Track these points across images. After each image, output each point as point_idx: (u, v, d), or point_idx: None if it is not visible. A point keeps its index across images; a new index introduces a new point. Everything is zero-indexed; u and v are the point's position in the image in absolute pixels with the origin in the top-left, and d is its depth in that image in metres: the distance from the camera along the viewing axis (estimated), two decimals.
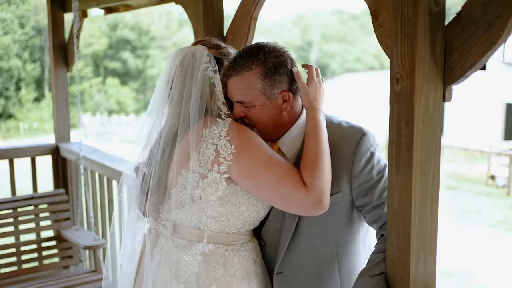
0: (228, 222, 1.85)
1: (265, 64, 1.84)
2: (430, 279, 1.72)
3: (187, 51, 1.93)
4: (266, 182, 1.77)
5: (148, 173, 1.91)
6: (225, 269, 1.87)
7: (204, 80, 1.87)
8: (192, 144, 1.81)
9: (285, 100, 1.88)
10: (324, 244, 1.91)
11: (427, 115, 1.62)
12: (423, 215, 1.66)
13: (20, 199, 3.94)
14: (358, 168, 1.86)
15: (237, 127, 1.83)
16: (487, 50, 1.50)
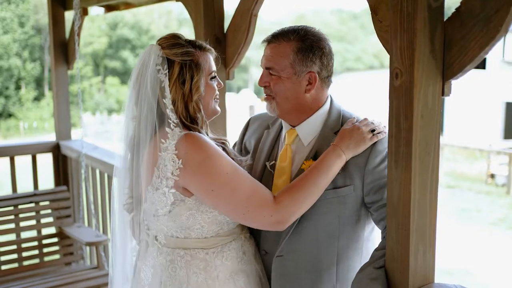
0: (203, 229, 1.85)
1: (303, 40, 1.91)
2: (429, 272, 1.73)
3: (146, 50, 1.87)
4: (228, 201, 1.78)
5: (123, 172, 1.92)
6: (206, 273, 1.87)
7: (156, 84, 1.81)
8: (149, 166, 1.80)
9: (310, 82, 1.93)
10: (327, 235, 1.92)
11: (426, 109, 1.63)
12: (422, 209, 1.68)
13: (21, 196, 3.96)
14: (372, 164, 1.88)
15: (187, 140, 1.77)
16: (485, 45, 1.52)
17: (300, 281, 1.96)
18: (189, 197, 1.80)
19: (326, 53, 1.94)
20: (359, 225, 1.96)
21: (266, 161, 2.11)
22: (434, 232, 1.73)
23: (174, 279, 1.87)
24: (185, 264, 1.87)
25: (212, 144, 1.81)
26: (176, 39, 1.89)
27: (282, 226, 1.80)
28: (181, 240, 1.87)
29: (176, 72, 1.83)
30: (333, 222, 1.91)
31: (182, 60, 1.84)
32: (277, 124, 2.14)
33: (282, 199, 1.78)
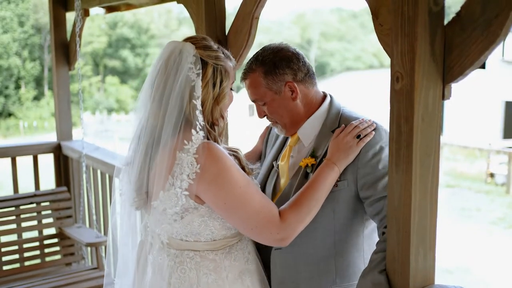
0: (213, 234, 1.87)
1: (263, 64, 2.01)
2: (429, 274, 1.75)
3: (175, 46, 1.85)
4: (238, 216, 1.80)
5: (131, 172, 1.89)
6: (216, 274, 1.88)
7: (186, 82, 1.80)
8: (163, 167, 1.79)
9: (292, 90, 2.01)
10: (323, 229, 1.96)
11: (426, 112, 1.64)
12: (423, 211, 1.69)
13: (22, 197, 3.98)
14: (365, 158, 1.92)
15: (209, 148, 1.77)
16: (485, 49, 1.52)
17: (299, 273, 2.00)
18: (202, 204, 1.81)
19: (290, 58, 2.02)
20: (356, 221, 1.99)
21: (273, 160, 2.20)
22: (435, 234, 1.74)
23: (184, 281, 1.87)
24: (195, 265, 1.88)
25: (228, 156, 1.82)
26: (209, 42, 1.90)
27: (286, 243, 1.84)
28: (190, 243, 1.88)
29: (209, 74, 1.83)
30: (329, 217, 1.95)
31: (215, 64, 1.84)
32: None
33: (287, 217, 1.81)
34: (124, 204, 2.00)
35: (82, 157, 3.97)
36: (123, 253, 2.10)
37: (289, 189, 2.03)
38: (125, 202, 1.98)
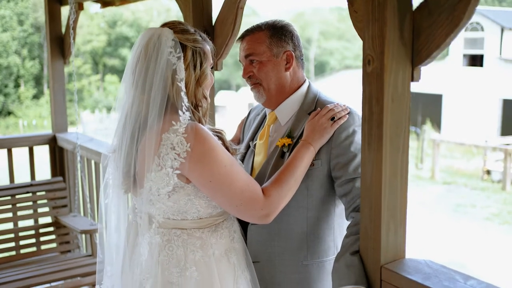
0: (199, 212, 1.94)
1: (273, 27, 2.15)
2: (400, 249, 1.83)
3: (154, 32, 1.89)
4: (223, 194, 1.87)
5: (118, 158, 1.94)
6: (203, 251, 1.94)
7: (167, 66, 1.85)
8: (150, 150, 1.84)
9: (288, 61, 2.14)
10: (296, 205, 2.06)
11: (396, 94, 1.73)
12: (393, 188, 1.78)
13: (18, 187, 4.08)
14: (338, 140, 2.03)
15: (196, 129, 1.83)
16: (450, 32, 1.61)
17: (273, 248, 2.10)
18: (188, 183, 1.87)
19: (295, 35, 2.17)
20: (328, 199, 2.10)
21: (250, 141, 2.30)
22: (405, 211, 1.83)
23: (171, 258, 1.93)
24: (182, 243, 1.94)
25: (214, 137, 1.89)
26: (186, 26, 1.95)
27: (269, 219, 1.92)
28: (177, 221, 1.94)
29: (189, 57, 1.89)
30: (302, 193, 2.05)
31: (194, 46, 1.90)
32: (265, 110, 2.31)
33: (270, 194, 1.90)
34: (113, 190, 2.05)
35: (76, 147, 4.06)
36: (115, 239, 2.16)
37: (266, 168, 2.13)
38: (114, 187, 2.04)
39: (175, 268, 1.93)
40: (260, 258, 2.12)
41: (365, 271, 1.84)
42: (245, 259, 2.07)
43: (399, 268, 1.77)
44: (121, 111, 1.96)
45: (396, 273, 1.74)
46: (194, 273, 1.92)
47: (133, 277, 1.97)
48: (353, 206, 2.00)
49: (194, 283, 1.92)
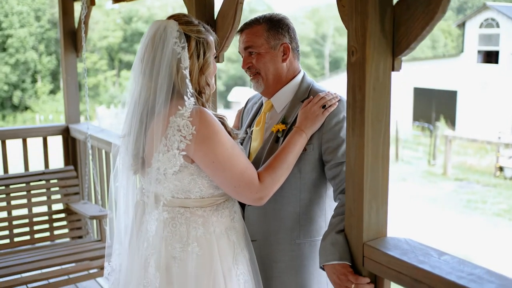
0: (201, 191, 2.07)
1: (270, 21, 2.28)
2: (382, 227, 1.96)
3: (160, 24, 2.03)
4: (224, 174, 2.01)
5: (128, 141, 2.09)
6: (204, 228, 2.08)
7: (172, 55, 1.98)
8: (158, 132, 1.99)
9: (285, 53, 2.27)
10: (290, 187, 2.20)
11: (377, 82, 1.85)
12: (375, 170, 1.90)
13: (33, 174, 4.26)
14: (329, 125, 2.17)
15: (201, 113, 1.97)
16: (426, 25, 1.73)
17: (268, 227, 2.24)
18: (191, 163, 2.02)
19: (291, 28, 2.30)
20: (319, 182, 2.23)
21: (247, 127, 2.44)
22: (386, 192, 1.95)
23: (175, 234, 2.07)
24: (185, 220, 2.08)
25: (217, 121, 2.03)
26: (190, 18, 2.09)
27: (263, 202, 2.07)
28: (181, 200, 2.08)
29: (193, 46, 2.03)
30: (295, 176, 2.18)
31: (197, 37, 2.04)
32: (262, 99, 2.46)
33: (264, 179, 2.05)
34: (123, 172, 2.21)
35: (87, 137, 4.23)
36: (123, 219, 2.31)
37: (261, 153, 2.27)
38: (124, 169, 2.19)
39: (178, 243, 2.06)
40: (257, 237, 2.26)
41: (349, 248, 1.97)
42: (245, 238, 2.20)
43: (379, 245, 1.89)
44: (130, 97, 2.11)
45: (377, 249, 1.87)
46: (195, 248, 2.06)
47: (139, 253, 2.11)
48: (340, 188, 2.13)
49: (195, 258, 2.05)
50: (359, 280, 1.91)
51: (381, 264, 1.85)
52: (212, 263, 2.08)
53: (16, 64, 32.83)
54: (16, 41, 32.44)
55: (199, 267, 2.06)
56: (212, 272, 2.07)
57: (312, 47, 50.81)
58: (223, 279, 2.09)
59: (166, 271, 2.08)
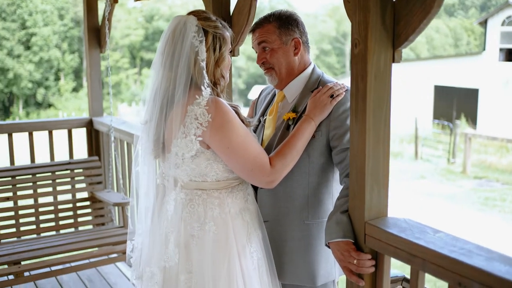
0: (217, 175, 2.24)
1: (280, 19, 2.42)
2: (383, 208, 2.10)
3: (180, 19, 2.19)
4: (237, 159, 2.18)
5: (149, 128, 2.26)
6: (220, 208, 2.26)
7: (191, 48, 2.14)
8: (177, 120, 2.16)
9: (296, 47, 2.42)
10: (299, 171, 2.35)
11: (378, 72, 1.99)
12: (376, 155, 2.04)
13: (58, 164, 4.48)
14: (336, 113, 2.32)
15: (217, 102, 2.13)
16: (423, 19, 1.87)
17: (280, 209, 2.40)
18: (207, 149, 2.19)
19: (300, 22, 2.45)
20: (327, 167, 2.38)
21: (261, 116, 2.60)
22: (387, 175, 2.09)
23: (193, 214, 2.25)
24: (202, 201, 2.25)
25: (231, 109, 2.20)
26: (208, 14, 2.24)
27: (273, 185, 2.24)
28: (198, 183, 2.26)
29: (209, 41, 2.20)
30: (304, 161, 2.34)
31: (214, 32, 2.21)
32: (274, 90, 2.62)
33: (274, 163, 2.21)
34: (143, 156, 2.37)
35: (110, 129, 4.43)
36: (144, 201, 2.49)
37: (273, 139, 2.42)
38: (145, 154, 2.36)
39: (196, 223, 2.24)
40: (269, 218, 2.42)
41: (352, 227, 2.12)
42: (258, 219, 2.37)
43: (380, 223, 2.03)
44: (151, 87, 2.27)
45: (377, 227, 2.01)
46: (212, 227, 2.23)
47: (160, 230, 2.29)
48: (346, 172, 2.27)
49: (212, 236, 2.23)
50: (361, 256, 2.05)
51: (381, 241, 1.99)
52: (227, 241, 2.24)
53: (40, 62, 33.38)
54: (40, 40, 32.98)
55: (216, 245, 2.23)
56: (228, 249, 2.24)
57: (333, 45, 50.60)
58: (238, 255, 2.26)
59: (185, 249, 2.25)
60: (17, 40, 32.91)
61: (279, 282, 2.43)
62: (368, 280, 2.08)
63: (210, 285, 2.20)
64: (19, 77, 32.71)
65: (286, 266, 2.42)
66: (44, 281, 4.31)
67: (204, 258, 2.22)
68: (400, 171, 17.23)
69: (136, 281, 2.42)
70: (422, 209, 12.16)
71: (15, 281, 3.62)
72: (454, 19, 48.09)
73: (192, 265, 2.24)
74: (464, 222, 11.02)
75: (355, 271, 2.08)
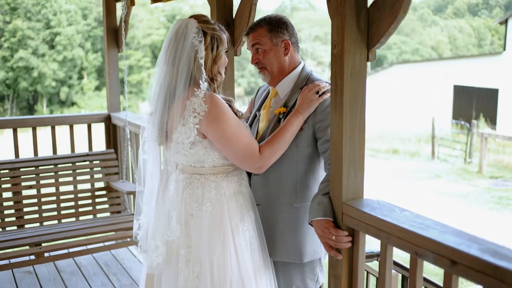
0: (214, 161, 2.54)
1: (270, 23, 2.68)
2: (359, 190, 2.36)
3: (182, 21, 2.48)
4: (230, 147, 2.47)
5: (154, 118, 2.54)
6: (216, 191, 2.55)
7: (191, 47, 2.42)
8: (177, 112, 2.45)
9: (286, 48, 2.68)
10: (288, 159, 2.62)
11: (354, 70, 2.26)
12: (353, 143, 2.30)
13: (78, 156, 4.83)
14: (321, 108, 2.59)
15: (212, 96, 2.41)
16: (391, 23, 2.13)
17: (271, 193, 2.67)
18: (204, 139, 2.48)
19: (289, 25, 2.72)
20: (313, 155, 2.64)
21: (257, 111, 2.89)
22: (363, 161, 2.34)
23: (192, 196, 2.54)
24: (200, 184, 2.54)
25: (226, 104, 2.49)
26: (207, 18, 2.52)
27: (262, 170, 2.54)
28: (197, 168, 2.55)
29: (208, 41, 2.50)
30: (293, 150, 2.61)
31: (213, 34, 2.51)
32: (269, 87, 2.89)
33: (263, 151, 2.51)
34: (149, 144, 2.67)
35: (126, 123, 4.76)
36: (149, 185, 2.79)
37: (266, 131, 2.71)
38: (150, 141, 2.66)
39: (195, 203, 2.53)
40: (261, 202, 2.70)
41: (332, 207, 2.39)
42: (251, 201, 2.66)
43: (355, 204, 2.30)
44: (156, 82, 2.56)
45: (353, 207, 2.28)
46: (209, 207, 2.52)
47: (164, 209, 2.59)
48: (329, 160, 2.54)
49: (209, 215, 2.52)
50: (339, 232, 2.32)
51: (355, 219, 2.26)
52: (222, 220, 2.53)
53: (63, 61, 34.01)
54: (64, 39, 33.61)
55: (212, 223, 2.52)
56: (222, 227, 2.52)
57: None
58: (231, 233, 2.54)
59: (185, 227, 2.55)
60: (42, 39, 33.61)
61: (271, 259, 2.71)
62: (346, 254, 2.35)
63: (206, 259, 2.49)
64: (43, 76, 33.38)
65: (276, 245, 2.70)
66: (64, 265, 4.67)
67: (201, 234, 2.51)
68: (415, 170, 17.35)
69: (142, 255, 2.72)
70: (434, 207, 12.30)
71: (36, 261, 3.96)
72: (478, 19, 47.68)
73: (191, 240, 2.53)
74: (476, 219, 11.15)
75: (334, 246, 2.35)
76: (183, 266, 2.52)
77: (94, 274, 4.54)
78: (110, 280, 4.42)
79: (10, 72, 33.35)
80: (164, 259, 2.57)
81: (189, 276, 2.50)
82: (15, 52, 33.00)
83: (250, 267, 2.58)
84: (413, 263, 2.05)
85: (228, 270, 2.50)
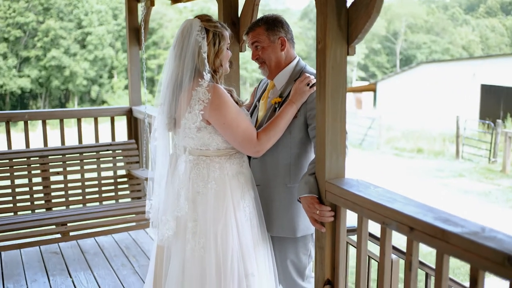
0: (218, 145, 2.85)
1: (267, 21, 2.96)
2: (340, 171, 2.64)
3: (188, 22, 2.77)
4: (231, 132, 2.78)
5: (164, 107, 2.86)
6: (220, 171, 2.87)
7: (195, 43, 2.73)
8: (184, 102, 2.76)
9: (283, 44, 2.95)
10: (283, 144, 2.90)
11: (335, 64, 2.54)
12: (334, 129, 2.58)
13: (101, 145, 5.23)
14: (311, 98, 2.88)
15: (215, 86, 2.70)
16: (366, 21, 2.41)
17: (268, 175, 2.97)
18: (209, 125, 2.80)
19: (284, 23, 3.00)
20: (306, 141, 2.93)
21: (257, 101, 3.20)
22: (344, 145, 2.61)
23: (199, 175, 2.86)
24: (206, 165, 2.86)
25: (227, 93, 2.80)
26: (210, 17, 2.79)
27: (259, 154, 2.85)
28: (203, 150, 2.87)
29: (210, 37, 2.81)
30: (287, 136, 2.90)
31: (215, 31, 2.81)
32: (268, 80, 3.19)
33: (260, 137, 2.81)
34: (159, 130, 3.00)
35: (145, 115, 5.12)
36: (160, 169, 3.13)
37: (263, 119, 3.01)
38: (160, 128, 2.99)
39: (201, 182, 2.85)
40: (260, 182, 3.00)
41: (317, 185, 2.69)
42: (251, 182, 2.96)
43: (336, 182, 2.58)
44: (165, 75, 2.89)
45: (334, 185, 2.56)
46: (213, 185, 2.84)
47: (173, 188, 2.91)
48: None
49: (213, 193, 2.83)
50: (322, 207, 2.61)
51: (336, 195, 2.55)
52: (225, 197, 2.84)
53: (94, 60, 34.79)
54: (95, 39, 34.38)
55: (216, 199, 2.83)
56: (225, 203, 2.84)
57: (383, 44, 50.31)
58: (233, 208, 2.85)
59: (193, 203, 2.86)
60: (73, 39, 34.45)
61: (268, 234, 3.02)
62: (329, 227, 2.64)
63: (210, 231, 2.81)
64: (74, 75, 34.20)
65: (273, 221, 3.00)
66: (87, 247, 5.06)
67: (206, 209, 2.83)
68: (438, 169, 17.41)
69: (153, 230, 3.06)
70: (455, 204, 12.40)
71: (61, 239, 4.36)
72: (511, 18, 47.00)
73: (198, 215, 2.85)
74: (493, 216, 11.24)
75: (318, 219, 2.64)
76: (190, 238, 2.84)
77: (115, 256, 4.90)
78: (130, 261, 4.78)
79: (43, 71, 34.25)
80: (173, 232, 2.89)
81: (195, 247, 2.82)
82: (47, 51, 33.88)
83: (250, 240, 2.88)
84: (383, 232, 2.33)
85: (230, 242, 2.81)
